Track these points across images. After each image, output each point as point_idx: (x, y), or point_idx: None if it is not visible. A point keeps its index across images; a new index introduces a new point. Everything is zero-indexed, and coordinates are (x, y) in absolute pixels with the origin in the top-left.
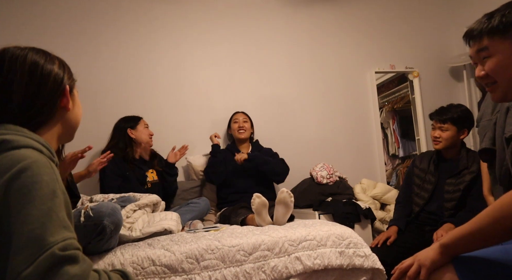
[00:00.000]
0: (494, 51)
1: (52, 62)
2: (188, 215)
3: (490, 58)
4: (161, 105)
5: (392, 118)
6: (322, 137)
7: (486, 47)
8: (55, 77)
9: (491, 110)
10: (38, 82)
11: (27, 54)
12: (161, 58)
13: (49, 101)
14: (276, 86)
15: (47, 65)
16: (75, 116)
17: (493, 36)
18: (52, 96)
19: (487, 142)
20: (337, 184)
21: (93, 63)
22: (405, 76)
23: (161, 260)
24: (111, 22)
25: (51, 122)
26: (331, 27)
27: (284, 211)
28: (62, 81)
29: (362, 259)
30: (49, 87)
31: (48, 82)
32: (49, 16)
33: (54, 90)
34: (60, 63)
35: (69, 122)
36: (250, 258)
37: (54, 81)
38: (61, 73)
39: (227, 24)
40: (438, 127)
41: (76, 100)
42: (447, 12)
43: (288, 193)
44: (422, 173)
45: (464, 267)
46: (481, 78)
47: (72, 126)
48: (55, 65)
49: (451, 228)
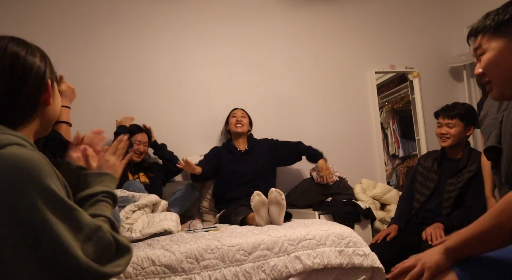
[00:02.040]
0: (486, 49)
1: (33, 54)
2: (177, 203)
3: (483, 55)
4: (161, 105)
5: (392, 118)
6: (322, 137)
7: (480, 44)
8: (37, 71)
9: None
10: (19, 77)
11: (7, 45)
12: (161, 58)
13: (31, 97)
14: (276, 86)
15: (29, 57)
16: (54, 110)
17: (485, 33)
18: (34, 91)
19: (492, 140)
20: (337, 184)
21: (94, 63)
22: (405, 76)
23: (161, 260)
24: (111, 22)
25: (31, 118)
26: (331, 27)
27: (277, 210)
28: (45, 75)
29: (361, 258)
30: (31, 82)
31: (30, 76)
32: (50, 16)
33: (36, 85)
34: (41, 55)
35: (48, 117)
36: (249, 258)
37: (36, 75)
38: (43, 66)
39: (227, 24)
40: (446, 124)
41: (56, 93)
42: (447, 12)
43: (278, 192)
44: (425, 171)
45: (465, 270)
46: (479, 75)
47: (50, 120)
48: (37, 57)
49: (439, 227)
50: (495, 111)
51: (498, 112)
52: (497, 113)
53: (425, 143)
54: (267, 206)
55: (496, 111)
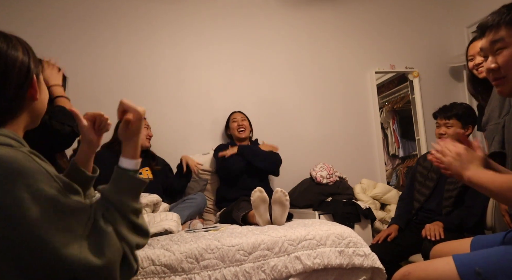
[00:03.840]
0: (511, 42)
1: (15, 48)
2: (185, 211)
3: (505, 49)
4: (161, 105)
5: (392, 118)
6: (322, 137)
7: (502, 38)
8: (20, 67)
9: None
10: (2, 74)
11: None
12: (162, 58)
13: (16, 93)
14: (276, 86)
15: (11, 52)
16: (41, 104)
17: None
18: (19, 88)
19: (496, 145)
20: (337, 184)
21: (94, 63)
22: (405, 76)
23: (160, 259)
24: (112, 22)
25: (18, 113)
26: (331, 27)
27: (281, 210)
28: (29, 70)
29: (361, 258)
30: (15, 78)
31: (14, 72)
32: (50, 17)
33: (20, 81)
34: (23, 48)
35: (36, 111)
36: (249, 258)
37: (20, 70)
38: (27, 60)
39: (227, 24)
40: (444, 124)
41: (42, 87)
42: (447, 12)
43: (283, 192)
44: (425, 171)
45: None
46: (492, 70)
47: (38, 114)
48: (19, 51)
49: (439, 225)
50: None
51: (500, 117)
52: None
53: (425, 143)
54: (267, 204)
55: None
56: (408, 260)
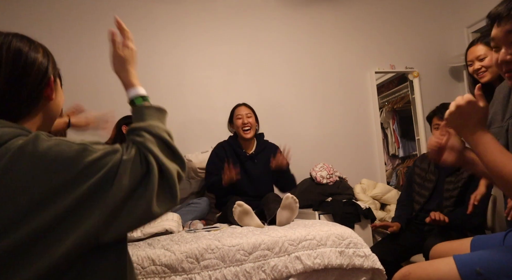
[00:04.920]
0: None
1: (36, 50)
2: (189, 215)
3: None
4: (161, 104)
5: (392, 118)
6: (322, 137)
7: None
8: (39, 66)
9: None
10: (21, 71)
11: (11, 41)
12: (162, 58)
13: (33, 91)
14: (276, 86)
15: (32, 53)
16: (56, 106)
17: None
18: (36, 86)
19: None
20: (337, 184)
21: (94, 64)
22: (405, 76)
23: (161, 259)
24: (112, 22)
25: (33, 112)
26: (331, 27)
27: (288, 215)
28: (47, 71)
29: (362, 259)
30: (33, 76)
31: (32, 71)
32: (50, 17)
33: (38, 80)
34: (44, 52)
35: (51, 112)
36: (250, 258)
37: (38, 70)
38: (46, 62)
39: (227, 24)
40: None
41: (58, 89)
42: (447, 12)
43: (293, 199)
44: (423, 172)
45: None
46: (506, 62)
47: (53, 116)
48: (40, 53)
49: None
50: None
51: (503, 121)
52: (502, 121)
53: (425, 143)
54: (251, 212)
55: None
56: (410, 260)
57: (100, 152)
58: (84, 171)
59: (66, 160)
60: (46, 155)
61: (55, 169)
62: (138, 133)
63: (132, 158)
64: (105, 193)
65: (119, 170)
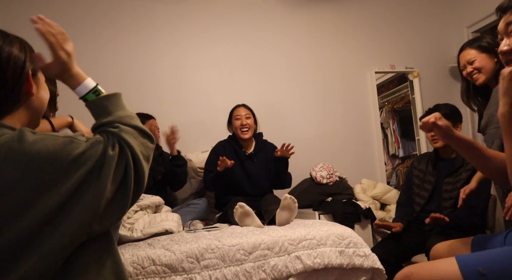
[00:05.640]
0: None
1: (10, 44)
2: (188, 216)
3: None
4: (161, 105)
5: (392, 118)
6: (322, 137)
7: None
8: (15, 61)
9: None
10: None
11: None
12: (162, 58)
13: (11, 88)
14: (276, 86)
15: (5, 47)
16: (40, 101)
17: None
18: (15, 82)
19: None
20: (337, 184)
21: (94, 63)
22: (405, 76)
23: (161, 259)
24: (111, 22)
25: (15, 108)
26: (331, 27)
27: (288, 216)
28: (24, 66)
29: (362, 258)
30: (9, 72)
31: (8, 67)
32: (49, 17)
33: (15, 75)
34: (21, 45)
35: (34, 108)
36: (250, 257)
37: (15, 65)
38: (23, 56)
39: (227, 24)
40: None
41: (41, 83)
42: (447, 12)
43: (292, 199)
44: (421, 174)
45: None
46: (505, 53)
47: (37, 112)
48: (14, 47)
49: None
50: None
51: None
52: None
53: (425, 143)
54: (252, 213)
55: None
56: (411, 260)
57: (86, 143)
58: (72, 164)
59: (53, 154)
60: (33, 151)
61: (43, 164)
62: (113, 125)
63: (117, 154)
64: (94, 184)
65: (105, 161)
